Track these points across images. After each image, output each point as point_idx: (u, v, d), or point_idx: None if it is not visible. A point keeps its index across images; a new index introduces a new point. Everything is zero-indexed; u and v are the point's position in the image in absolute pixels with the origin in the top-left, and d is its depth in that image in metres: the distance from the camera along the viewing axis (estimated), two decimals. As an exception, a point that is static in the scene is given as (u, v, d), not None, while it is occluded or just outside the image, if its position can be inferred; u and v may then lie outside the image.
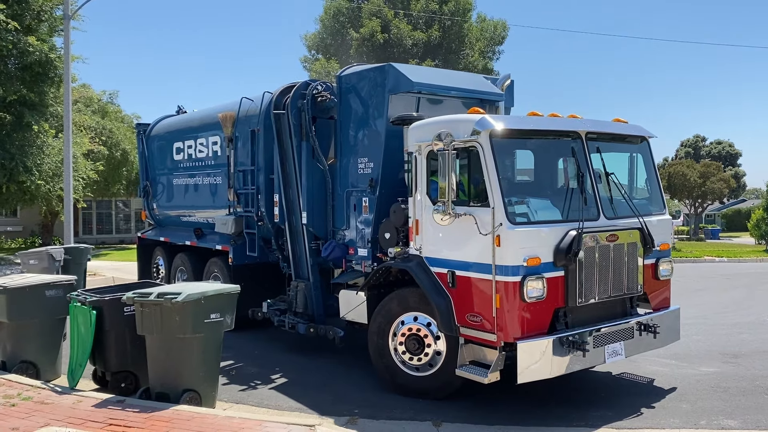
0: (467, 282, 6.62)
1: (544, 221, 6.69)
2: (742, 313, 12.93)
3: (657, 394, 7.25)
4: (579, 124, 7.30)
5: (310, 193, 8.85)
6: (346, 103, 8.59)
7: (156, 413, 5.95)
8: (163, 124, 13.30)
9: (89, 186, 25.26)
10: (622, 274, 6.99)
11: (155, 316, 6.34)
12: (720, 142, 79.88)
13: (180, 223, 12.57)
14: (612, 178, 7.27)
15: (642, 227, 7.13)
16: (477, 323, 6.51)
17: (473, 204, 6.61)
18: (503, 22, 38.98)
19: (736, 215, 65.35)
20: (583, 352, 6.45)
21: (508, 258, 6.27)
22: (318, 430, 5.57)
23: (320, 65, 35.34)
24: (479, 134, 6.54)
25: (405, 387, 7.21)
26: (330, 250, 8.62)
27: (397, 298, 7.39)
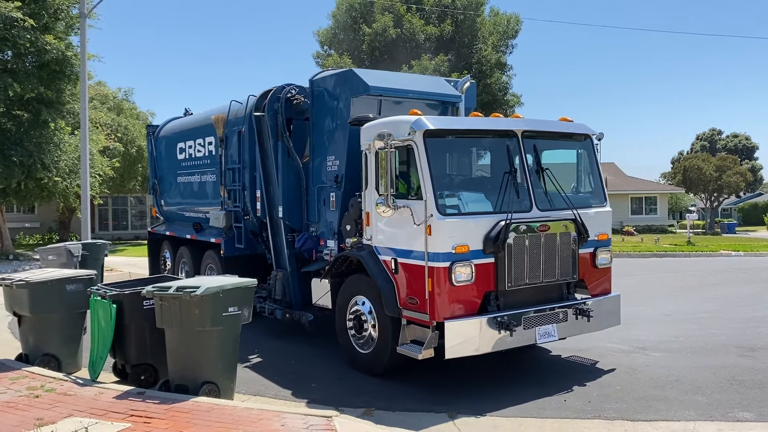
0: (406, 268, 7.28)
1: (474, 213, 7.26)
2: (759, 307, 12.85)
3: (672, 387, 7.25)
4: (514, 123, 7.91)
5: (285, 189, 9.53)
6: (317, 105, 9.19)
7: (176, 404, 6.06)
8: (170, 126, 14.08)
9: (105, 182, 25.54)
10: (555, 261, 7.53)
11: (174, 310, 6.44)
12: (736, 135, 79.14)
13: (183, 218, 13.34)
14: (547, 173, 7.77)
15: (576, 218, 7.66)
16: (414, 305, 7.14)
17: (410, 197, 7.27)
18: (516, 15, 38.93)
19: (753, 209, 64.73)
20: (511, 332, 7.04)
21: (438, 246, 6.89)
22: (335, 421, 5.63)
23: (333, 61, 35.37)
24: (414, 133, 7.16)
25: (356, 362, 8.00)
26: (302, 241, 9.32)
27: (351, 283, 8.16)
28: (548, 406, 6.70)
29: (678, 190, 49.74)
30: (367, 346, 7.85)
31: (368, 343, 7.84)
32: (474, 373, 7.84)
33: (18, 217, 31.34)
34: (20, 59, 19.45)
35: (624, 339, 9.67)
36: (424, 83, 10.04)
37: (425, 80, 10.38)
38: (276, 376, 7.88)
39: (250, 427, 5.51)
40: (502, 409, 6.57)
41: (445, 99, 9.53)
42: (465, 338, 6.90)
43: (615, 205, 45.87)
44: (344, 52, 35.97)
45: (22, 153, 19.78)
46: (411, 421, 6.27)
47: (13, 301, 7.81)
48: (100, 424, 5.51)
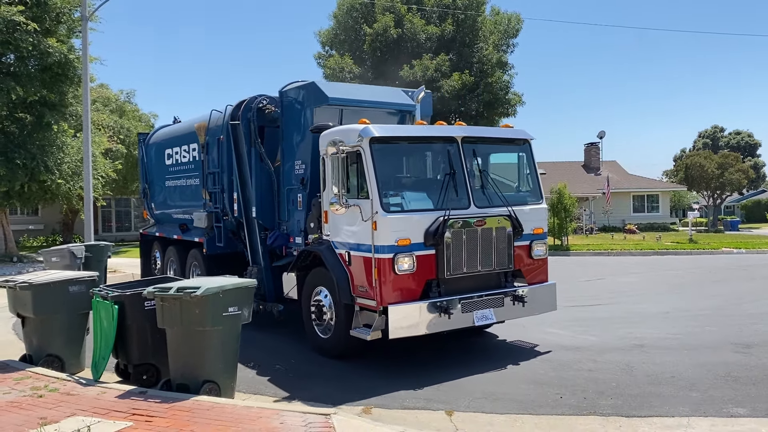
0: (357, 260, 8.13)
1: (416, 210, 8.14)
2: (757, 304, 12.91)
3: (667, 384, 7.33)
4: (454, 130, 8.79)
5: (259, 191, 10.37)
6: (287, 114, 10.08)
7: (177, 403, 6.16)
8: (159, 133, 15.03)
9: (108, 184, 25.66)
10: (491, 253, 8.38)
11: (175, 310, 6.54)
12: (739, 132, 79.01)
13: (171, 219, 14.08)
14: (484, 174, 8.70)
15: (510, 214, 8.53)
16: (365, 293, 8.00)
17: (360, 197, 8.09)
18: (517, 15, 38.91)
19: (756, 206, 64.68)
20: (449, 315, 7.91)
21: (383, 239, 7.77)
22: (333, 419, 5.72)
23: (334, 61, 35.44)
24: (362, 140, 8.01)
25: (318, 347, 8.84)
26: (274, 238, 10.18)
27: (313, 275, 9.00)
28: (544, 402, 6.78)
29: (680, 187, 49.70)
30: (328, 331, 8.67)
31: (328, 329, 8.66)
32: (473, 368, 7.95)
33: (21, 219, 31.51)
34: (23, 62, 19.59)
35: (622, 336, 9.75)
36: (383, 94, 10.89)
37: (384, 91, 11.20)
38: (275, 375, 7.98)
39: (249, 425, 5.61)
40: (498, 407, 6.67)
41: (402, 108, 10.41)
42: (407, 320, 7.77)
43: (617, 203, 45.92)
44: (345, 53, 36.03)
45: (25, 155, 19.94)
46: (409, 418, 6.37)
47: (17, 303, 7.92)
48: (103, 423, 5.62)
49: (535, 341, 9.50)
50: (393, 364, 8.39)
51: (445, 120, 35.26)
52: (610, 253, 26.56)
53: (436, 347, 9.18)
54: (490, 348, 9.24)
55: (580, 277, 18.32)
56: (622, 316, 11.71)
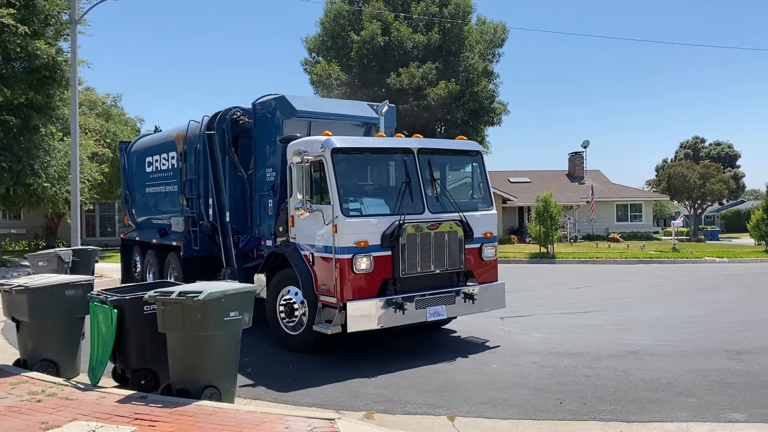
0: (320, 260, 8.80)
1: (373, 214, 8.81)
2: (745, 312, 13.10)
3: (664, 390, 7.41)
4: (410, 142, 9.51)
5: (232, 197, 11.04)
6: (259, 125, 10.72)
7: (179, 408, 6.11)
8: (140, 142, 15.68)
9: (94, 188, 25.41)
10: (444, 254, 9.10)
11: (177, 314, 6.50)
12: (719, 143, 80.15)
13: (151, 224, 14.58)
14: (438, 183, 9.41)
15: (461, 219, 9.26)
16: (326, 290, 8.66)
17: (322, 203, 8.71)
18: (503, 24, 39.25)
19: (736, 216, 65.61)
20: (402, 311, 8.58)
21: (342, 241, 8.44)
22: (338, 423, 5.71)
23: (321, 68, 35.47)
24: (324, 150, 8.67)
25: (287, 344, 9.32)
26: (246, 242, 10.84)
27: (280, 276, 9.54)
28: (545, 407, 6.82)
29: (663, 197, 50.31)
30: (299, 327, 9.22)
31: (297, 326, 9.24)
32: (473, 373, 7.98)
33: (3, 223, 31.08)
34: (9, 64, 19.37)
35: (616, 343, 9.84)
36: (349, 107, 11.46)
37: (350, 104, 11.80)
38: (275, 381, 7.94)
39: (253, 429, 5.58)
40: (500, 412, 6.69)
41: (366, 120, 11.08)
42: (364, 315, 8.40)
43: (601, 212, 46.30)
44: (332, 60, 36.08)
45: (11, 159, 19.67)
46: (412, 423, 6.37)
47: (12, 307, 7.82)
48: (106, 428, 5.56)
49: (530, 348, 9.57)
50: (393, 369, 8.39)
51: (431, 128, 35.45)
52: (596, 261, 26.81)
53: (434, 352, 9.21)
54: (486, 354, 9.27)
55: (569, 284, 18.46)
56: (614, 323, 11.82)
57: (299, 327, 9.21)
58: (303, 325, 9.14)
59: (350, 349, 9.48)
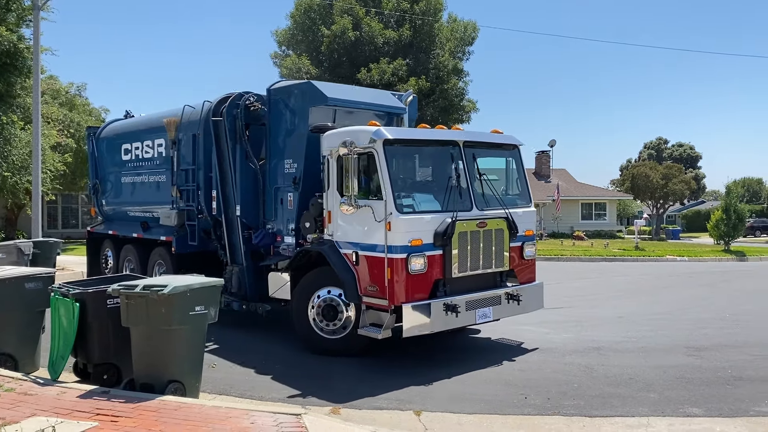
0: (367, 260, 8.20)
1: (426, 211, 8.28)
2: (704, 309, 13.42)
3: (626, 385, 7.55)
4: (457, 134, 9.05)
5: (243, 189, 10.22)
6: (275, 113, 9.91)
7: (142, 403, 6.02)
8: (112, 128, 14.51)
9: (57, 179, 24.85)
10: (491, 253, 8.70)
11: (141, 308, 6.39)
12: (681, 144, 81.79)
13: (127, 217, 13.59)
14: (483, 178, 8.96)
15: (507, 217, 8.86)
16: (374, 292, 8.08)
17: (371, 198, 8.16)
18: (473, 23, 39.40)
19: (696, 216, 67.06)
20: (456, 313, 8.11)
21: (397, 239, 7.88)
22: (304, 419, 5.69)
23: (291, 61, 35.20)
24: (375, 142, 8.10)
25: (321, 347, 8.72)
26: (260, 238, 9.99)
27: (315, 276, 8.91)
28: (510, 402, 6.90)
29: (626, 196, 51.19)
30: (338, 332, 8.66)
31: (339, 330, 8.65)
32: (439, 369, 8.03)
33: (-40, 213, 30.19)
34: (-31, 51, 18.85)
35: (580, 339, 10.00)
36: (374, 96, 10.93)
37: (375, 93, 11.20)
38: (241, 375, 7.90)
39: (219, 425, 5.53)
40: (466, 407, 6.75)
41: (393, 110, 10.56)
42: (419, 319, 7.90)
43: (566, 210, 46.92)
44: (302, 53, 35.84)
45: (-31, 148, 19.15)
46: (378, 418, 6.39)
47: (-31, 299, 7.59)
48: (66, 423, 5.44)
49: (498, 344, 9.67)
50: (360, 364, 8.40)
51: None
52: (560, 258, 27.17)
53: (401, 347, 9.23)
54: (452, 350, 9.34)
55: (534, 281, 18.66)
56: (578, 319, 11.99)
57: (342, 330, 8.64)
58: (346, 328, 8.61)
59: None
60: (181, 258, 11.25)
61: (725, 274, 21.09)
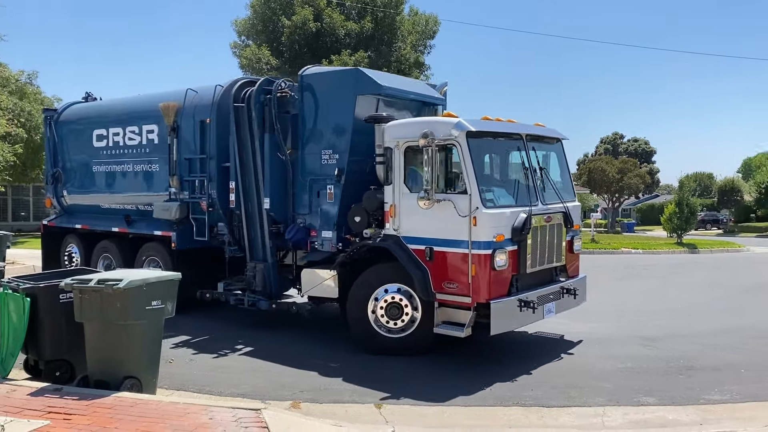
0: (445, 255, 7.88)
1: (504, 206, 8.12)
2: (657, 301, 13.75)
3: (582, 376, 7.70)
4: (522, 127, 8.83)
5: (272, 181, 9.56)
6: (309, 101, 9.36)
7: (97, 400, 5.87)
8: (79, 111, 13.29)
9: (6, 170, 24.07)
10: (553, 248, 8.69)
11: (95, 303, 6.22)
12: (636, 139, 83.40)
13: (101, 210, 12.54)
14: (544, 172, 8.86)
15: (565, 211, 8.87)
16: (453, 289, 7.82)
17: (450, 191, 7.92)
18: (434, 16, 39.46)
19: (650, 210, 68.64)
20: (533, 309, 7.99)
21: (482, 235, 7.64)
22: (264, 413, 5.63)
23: (251, 52, 34.75)
24: (458, 134, 7.78)
25: (381, 347, 8.35)
26: (294, 232, 9.40)
27: (376, 272, 8.50)
28: (470, 393, 6.97)
29: (583, 190, 52.10)
30: (400, 330, 8.34)
31: (405, 328, 8.32)
32: (398, 361, 8.05)
33: None
34: None
35: (536, 332, 10.12)
36: (412, 85, 10.39)
37: (411, 83, 10.65)
38: (199, 371, 7.79)
39: (176, 421, 5.43)
40: (426, 398, 6.78)
41: (434, 102, 10.28)
42: (505, 316, 7.79)
43: (526, 203, 46.59)
44: (263, 44, 35.41)
45: None
46: (339, 412, 6.38)
47: None
48: (16, 422, 5.28)
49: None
50: (319, 358, 8.37)
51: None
52: (520, 251, 27.46)
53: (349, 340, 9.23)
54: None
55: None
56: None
57: (409, 327, 8.28)
58: (410, 326, 8.27)
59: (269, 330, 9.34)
60: (182, 254, 10.62)
61: (677, 267, 21.64)
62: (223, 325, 10.27)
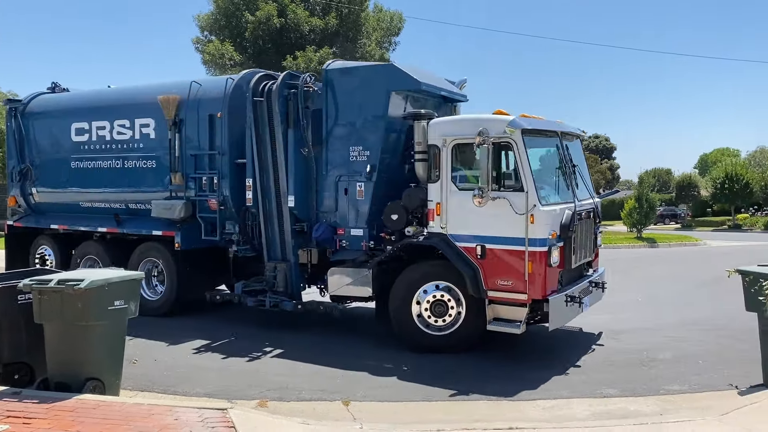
0: (498, 253, 7.93)
1: (554, 203, 8.21)
2: (620, 294, 13.94)
3: (548, 368, 7.78)
4: (557, 125, 9.03)
5: (297, 179, 9.33)
6: (336, 96, 9.13)
7: (58, 403, 5.74)
8: (51, 102, 12.47)
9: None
10: (588, 243, 8.96)
11: (55, 304, 6.07)
12: (597, 136, 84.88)
13: (80, 209, 11.79)
14: (576, 169, 9.02)
15: (596, 207, 9.24)
16: (508, 286, 7.89)
17: (504, 189, 7.99)
18: (399, 13, 39.54)
19: (611, 205, 69.57)
20: (579, 304, 8.26)
21: (539, 232, 7.75)
22: (230, 413, 5.58)
23: (214, 47, 34.35)
24: (513, 132, 7.86)
25: (426, 345, 8.34)
26: (321, 231, 9.18)
27: (419, 270, 8.46)
28: (437, 388, 7.00)
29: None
30: (446, 328, 8.33)
31: (450, 325, 8.32)
32: (365, 358, 8.07)
33: None
34: None
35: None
36: (443, 82, 10.25)
37: (435, 78, 10.31)
38: (163, 372, 7.67)
39: (141, 422, 5.35)
40: (394, 395, 6.82)
41: (457, 98, 10.32)
42: (561, 312, 7.97)
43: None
44: (226, 39, 35.02)
45: None
46: (306, 410, 6.35)
47: None
48: (-27, 428, 5.13)
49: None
50: (283, 355, 8.34)
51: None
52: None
53: (324, 336, 9.23)
54: (372, 337, 9.35)
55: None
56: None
57: (454, 324, 8.29)
58: (455, 324, 8.28)
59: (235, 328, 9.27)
60: (186, 255, 10.32)
61: (638, 261, 22.11)
62: (184, 324, 10.11)
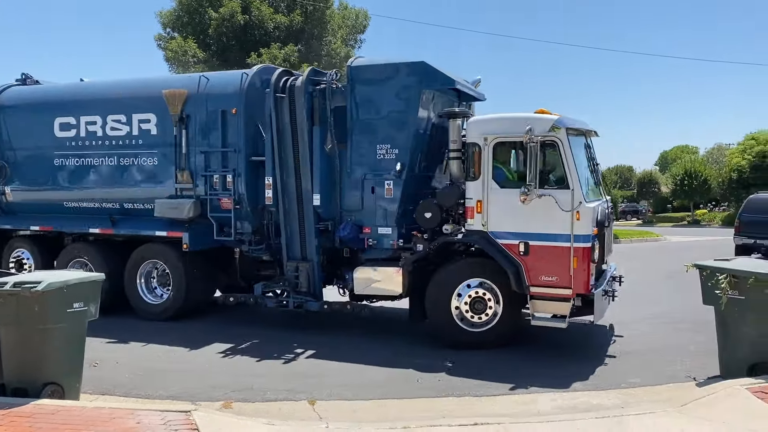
0: (542, 249, 8.07)
1: (594, 200, 8.48)
2: (583, 289, 14.20)
3: (516, 364, 7.84)
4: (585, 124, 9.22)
5: (322, 177, 9.24)
6: (361, 93, 9.07)
7: (14, 409, 5.58)
8: (26, 95, 11.82)
9: None
10: (610, 239, 9.45)
11: (11, 307, 5.90)
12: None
13: (64, 209, 11.21)
14: (598, 167, 9.41)
15: (612, 204, 9.61)
16: (552, 282, 8.04)
17: (549, 187, 8.13)
18: (364, 11, 39.44)
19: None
20: (612, 298, 8.78)
21: (584, 229, 7.95)
22: (194, 415, 5.50)
23: (176, 44, 33.83)
24: (558, 131, 8.03)
25: (463, 342, 8.44)
26: (348, 230, 9.08)
27: (457, 268, 8.62)
28: (404, 386, 7.05)
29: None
30: (483, 324, 8.48)
31: (488, 321, 8.47)
32: (333, 356, 8.05)
33: None
34: None
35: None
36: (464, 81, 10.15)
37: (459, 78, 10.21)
38: (125, 374, 7.53)
39: (102, 427, 5.24)
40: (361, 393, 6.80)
41: (477, 97, 10.46)
42: (602, 306, 8.32)
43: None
44: (189, 36, 34.52)
45: None
46: (272, 410, 6.29)
47: None
48: (-75, 436, 4.97)
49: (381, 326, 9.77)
50: (249, 354, 8.28)
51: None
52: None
53: (287, 337, 9.18)
54: (339, 335, 9.34)
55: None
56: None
57: (491, 321, 8.42)
58: (495, 319, 8.40)
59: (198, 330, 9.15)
60: (195, 256, 10.07)
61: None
62: (150, 326, 9.95)
